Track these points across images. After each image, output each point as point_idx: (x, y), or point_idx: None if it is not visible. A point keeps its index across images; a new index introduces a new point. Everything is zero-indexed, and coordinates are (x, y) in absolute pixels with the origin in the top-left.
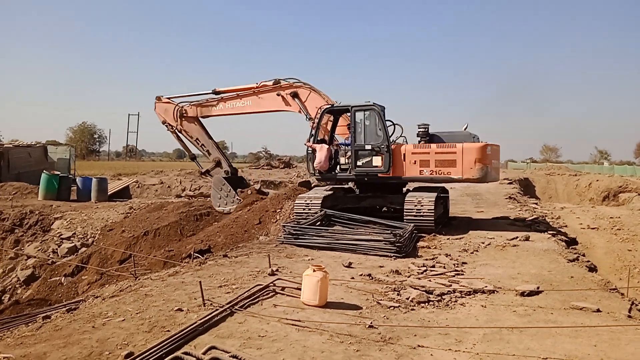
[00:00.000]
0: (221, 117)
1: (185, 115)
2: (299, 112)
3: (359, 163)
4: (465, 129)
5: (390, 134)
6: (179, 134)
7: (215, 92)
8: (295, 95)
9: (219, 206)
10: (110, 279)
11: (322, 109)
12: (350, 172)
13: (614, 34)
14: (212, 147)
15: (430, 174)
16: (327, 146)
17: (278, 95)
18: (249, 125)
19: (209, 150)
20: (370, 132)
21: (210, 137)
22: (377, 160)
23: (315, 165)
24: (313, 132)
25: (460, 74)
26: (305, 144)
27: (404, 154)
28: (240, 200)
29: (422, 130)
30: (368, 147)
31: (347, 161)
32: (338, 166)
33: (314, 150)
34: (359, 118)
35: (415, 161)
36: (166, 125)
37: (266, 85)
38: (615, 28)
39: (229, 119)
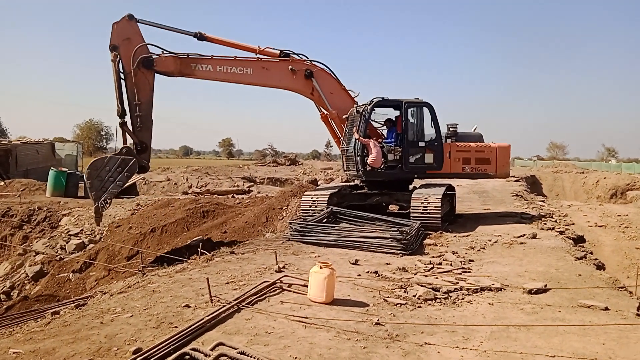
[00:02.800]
0: (210, 82)
1: (153, 66)
2: (310, 95)
3: (411, 160)
4: (474, 130)
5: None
6: (123, 80)
7: (199, 37)
8: (310, 75)
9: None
10: (117, 275)
11: (373, 102)
12: (402, 169)
13: (620, 33)
14: (143, 122)
15: (471, 170)
16: (374, 140)
17: (291, 70)
18: (255, 122)
19: (140, 125)
20: (422, 128)
21: (150, 110)
22: (429, 157)
23: (369, 162)
24: (361, 125)
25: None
26: (356, 139)
27: (450, 152)
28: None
29: (452, 130)
30: (421, 143)
31: (394, 157)
32: (385, 163)
33: (363, 146)
34: (411, 114)
35: (459, 159)
36: (114, 55)
37: (270, 53)
38: (618, 28)
39: (229, 113)
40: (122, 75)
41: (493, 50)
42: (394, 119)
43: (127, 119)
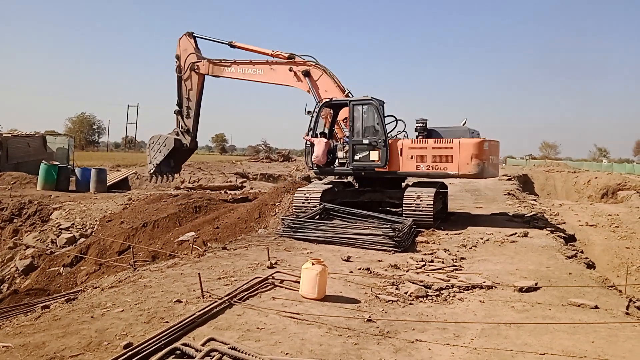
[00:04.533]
0: (232, 80)
1: (196, 70)
2: (308, 92)
3: (356, 157)
4: (464, 124)
5: (391, 129)
6: (181, 81)
7: (231, 45)
8: (307, 74)
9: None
10: (108, 270)
11: (321, 102)
12: (347, 166)
13: (614, 33)
14: (193, 115)
15: (427, 169)
16: (326, 140)
17: (290, 70)
18: (248, 118)
19: (188, 114)
20: (368, 126)
21: (198, 105)
22: (374, 155)
23: (312, 159)
24: (311, 125)
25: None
26: (303, 138)
27: (401, 149)
28: (168, 177)
29: (420, 125)
30: (365, 141)
31: (344, 155)
32: (336, 160)
33: (312, 144)
34: (357, 112)
35: (412, 156)
36: (176, 62)
37: (280, 56)
38: (612, 28)
39: (223, 109)
40: (181, 76)
41: (488, 49)
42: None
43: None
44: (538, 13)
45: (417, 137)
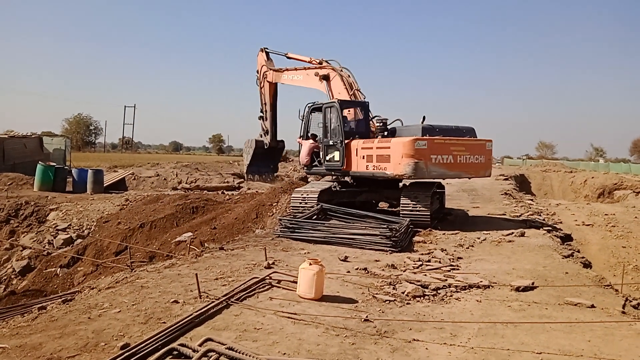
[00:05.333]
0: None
1: (267, 79)
2: (327, 94)
3: (327, 158)
4: (422, 122)
5: (348, 130)
6: (260, 90)
7: (287, 57)
8: (326, 78)
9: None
10: (106, 271)
11: (307, 106)
12: (322, 166)
13: (611, 33)
14: (269, 117)
15: (373, 169)
16: (311, 141)
17: (316, 74)
18: (245, 118)
19: (266, 118)
20: (334, 128)
21: (273, 109)
22: (336, 155)
23: (300, 159)
24: (302, 127)
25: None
26: (297, 140)
27: (356, 149)
28: (270, 176)
29: (379, 125)
30: (330, 142)
31: (321, 157)
32: (316, 161)
33: (300, 145)
34: (327, 114)
35: (363, 156)
36: (256, 75)
37: (314, 62)
38: (608, 28)
39: (226, 109)
40: (260, 86)
41: (484, 47)
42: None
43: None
44: (537, 12)
45: (378, 137)
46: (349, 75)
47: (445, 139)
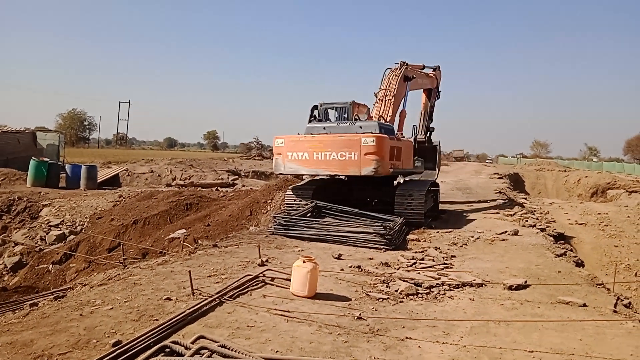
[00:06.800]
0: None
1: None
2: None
3: None
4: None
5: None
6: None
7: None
8: (407, 79)
9: None
10: (98, 267)
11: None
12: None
13: (607, 33)
14: (421, 115)
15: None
16: None
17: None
18: (240, 115)
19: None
20: None
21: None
22: None
23: None
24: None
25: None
26: None
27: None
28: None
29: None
30: None
31: None
32: None
33: None
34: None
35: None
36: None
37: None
38: (605, 28)
39: (215, 106)
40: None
41: (479, 46)
42: None
43: None
44: (535, 13)
45: None
46: None
47: (301, 137)
